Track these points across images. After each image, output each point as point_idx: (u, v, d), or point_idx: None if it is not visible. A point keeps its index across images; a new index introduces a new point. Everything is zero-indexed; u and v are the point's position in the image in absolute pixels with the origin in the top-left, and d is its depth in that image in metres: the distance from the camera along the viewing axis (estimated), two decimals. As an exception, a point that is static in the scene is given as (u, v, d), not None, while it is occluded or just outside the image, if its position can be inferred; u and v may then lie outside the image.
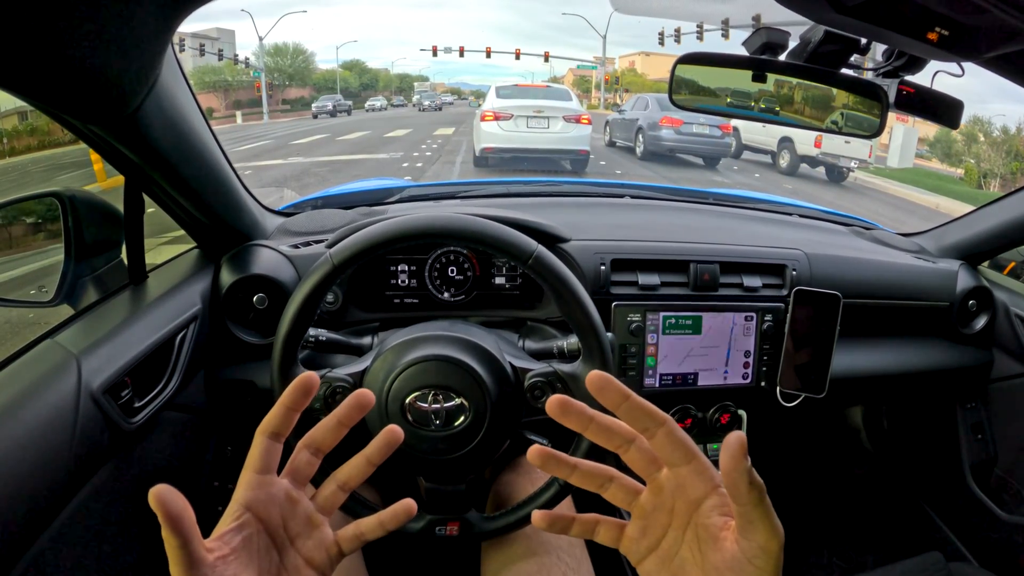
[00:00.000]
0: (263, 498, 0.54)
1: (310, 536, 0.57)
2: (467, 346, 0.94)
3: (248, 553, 0.52)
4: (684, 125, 12.15)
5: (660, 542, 0.54)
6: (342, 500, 0.60)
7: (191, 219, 1.15)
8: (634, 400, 0.50)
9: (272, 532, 0.55)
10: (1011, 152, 16.88)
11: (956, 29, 0.75)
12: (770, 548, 0.48)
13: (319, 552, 0.57)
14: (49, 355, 0.88)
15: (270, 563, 0.54)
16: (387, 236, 0.89)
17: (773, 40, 0.96)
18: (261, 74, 33.95)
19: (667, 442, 0.50)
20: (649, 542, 0.55)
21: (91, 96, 0.70)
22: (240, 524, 0.52)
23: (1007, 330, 1.57)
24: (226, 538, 0.51)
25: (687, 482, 0.51)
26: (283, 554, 0.55)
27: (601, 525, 0.57)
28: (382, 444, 0.60)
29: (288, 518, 0.56)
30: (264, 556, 0.54)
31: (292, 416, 0.55)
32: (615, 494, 0.55)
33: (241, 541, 0.52)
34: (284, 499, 0.56)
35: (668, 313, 1.28)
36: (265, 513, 0.54)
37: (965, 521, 1.72)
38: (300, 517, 0.57)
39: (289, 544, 0.56)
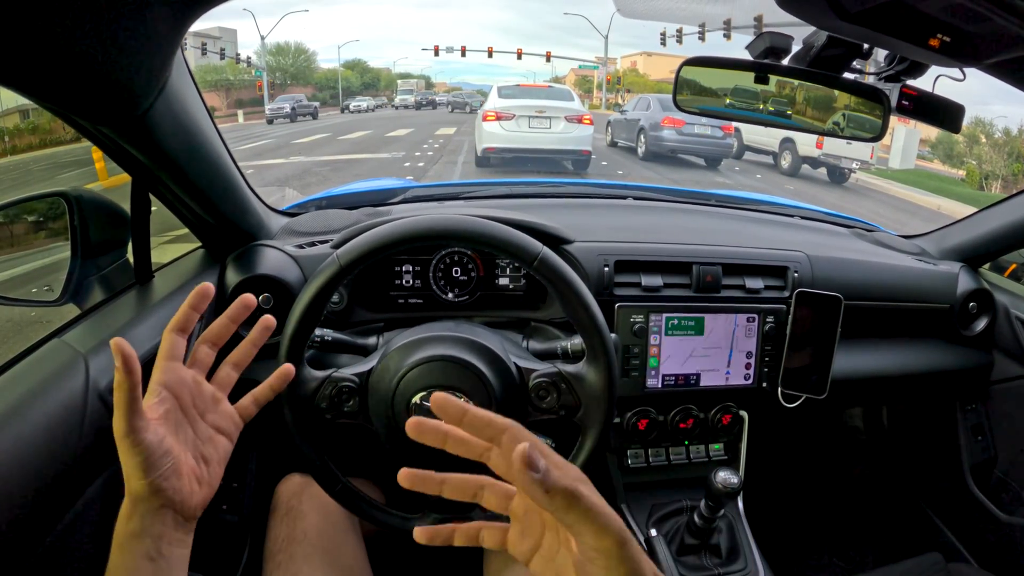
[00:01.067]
0: (174, 380, 0.68)
1: (215, 410, 0.73)
2: (472, 346, 0.94)
3: (169, 423, 0.66)
4: (686, 126, 12.13)
5: (540, 544, 0.56)
6: (235, 378, 0.77)
7: (197, 219, 1.15)
8: (471, 414, 0.52)
9: (184, 409, 0.69)
10: (1013, 154, 16.86)
11: (957, 36, 0.76)
12: (604, 547, 0.48)
13: (224, 421, 0.73)
14: (57, 354, 0.89)
15: (186, 435, 0.68)
16: (394, 237, 0.90)
17: (776, 44, 0.97)
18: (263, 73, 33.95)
19: (510, 448, 0.50)
20: (530, 543, 0.56)
21: (102, 98, 0.71)
22: (161, 399, 0.66)
23: (1007, 332, 1.58)
24: (152, 407, 0.65)
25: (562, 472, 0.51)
26: (195, 427, 0.70)
27: (485, 531, 0.59)
28: (261, 328, 0.77)
29: (195, 397, 0.71)
30: (181, 430, 0.68)
31: (192, 315, 0.70)
32: (490, 500, 0.58)
33: (163, 412, 0.65)
34: (191, 382, 0.70)
35: (671, 314, 1.29)
36: (177, 391, 0.68)
37: (965, 522, 1.72)
38: (205, 396, 0.72)
39: (199, 418, 0.71)
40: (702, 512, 1.21)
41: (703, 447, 1.44)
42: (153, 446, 0.61)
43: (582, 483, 0.50)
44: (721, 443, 1.45)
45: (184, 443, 0.67)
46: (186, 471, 0.65)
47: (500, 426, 0.52)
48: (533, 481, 0.46)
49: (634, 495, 1.38)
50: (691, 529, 1.26)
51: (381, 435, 0.95)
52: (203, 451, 0.69)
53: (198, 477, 0.67)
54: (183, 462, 0.65)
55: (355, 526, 1.14)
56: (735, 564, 1.26)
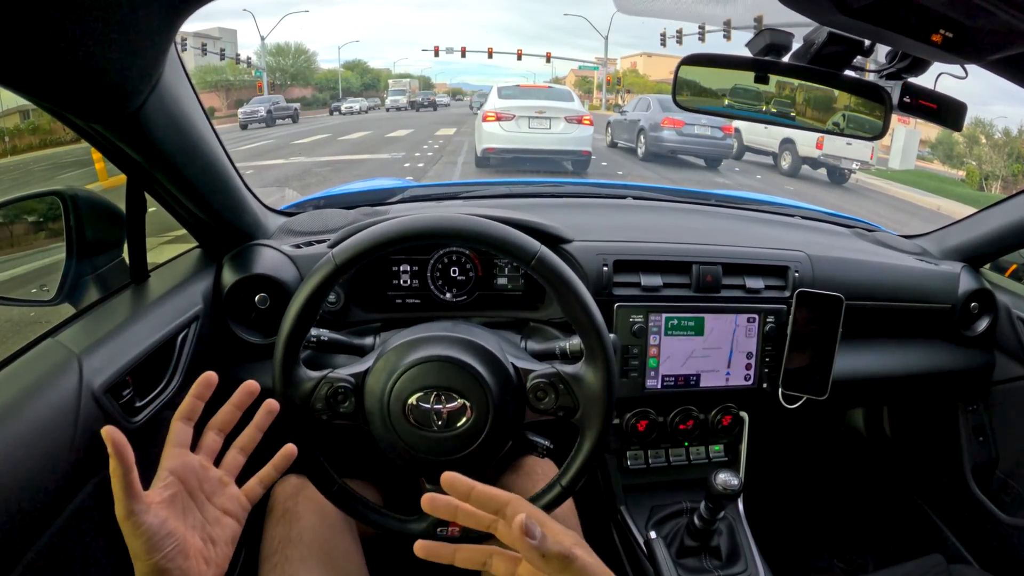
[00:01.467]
0: (181, 466, 0.72)
1: (222, 493, 0.76)
2: (469, 347, 0.93)
3: (175, 506, 0.69)
4: (686, 126, 12.13)
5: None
6: (242, 462, 0.80)
7: (193, 218, 1.15)
8: (477, 491, 0.61)
9: (191, 492, 0.72)
10: (1013, 154, 16.87)
11: (960, 31, 0.75)
12: None
13: (231, 503, 0.76)
14: (50, 354, 0.88)
15: (194, 518, 0.71)
16: (390, 236, 0.89)
17: (777, 41, 0.96)
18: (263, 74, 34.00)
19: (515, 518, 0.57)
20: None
21: (94, 95, 0.70)
22: (166, 484, 0.70)
23: (1009, 332, 1.57)
24: (157, 491, 0.68)
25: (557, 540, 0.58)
26: (203, 510, 0.73)
27: (495, 557, 0.63)
28: (263, 414, 0.81)
29: (203, 481, 0.74)
30: (189, 513, 0.71)
31: (198, 404, 0.76)
32: (499, 567, 0.63)
33: (169, 496, 0.69)
34: (198, 467, 0.75)
35: (670, 314, 1.28)
36: (184, 476, 0.72)
37: (966, 523, 1.72)
38: (212, 480, 0.76)
39: (207, 501, 0.74)
40: (702, 514, 1.21)
41: (703, 448, 1.43)
42: (154, 528, 0.64)
43: (578, 546, 0.59)
44: (721, 444, 1.44)
45: (191, 525, 0.70)
46: (193, 552, 0.68)
47: (503, 500, 0.60)
48: (531, 547, 0.54)
49: (633, 497, 1.38)
50: (691, 531, 1.25)
51: (377, 436, 0.94)
52: (211, 532, 0.72)
53: (205, 558, 0.70)
54: (190, 543, 0.68)
55: (352, 528, 1.13)
56: (735, 566, 1.25)
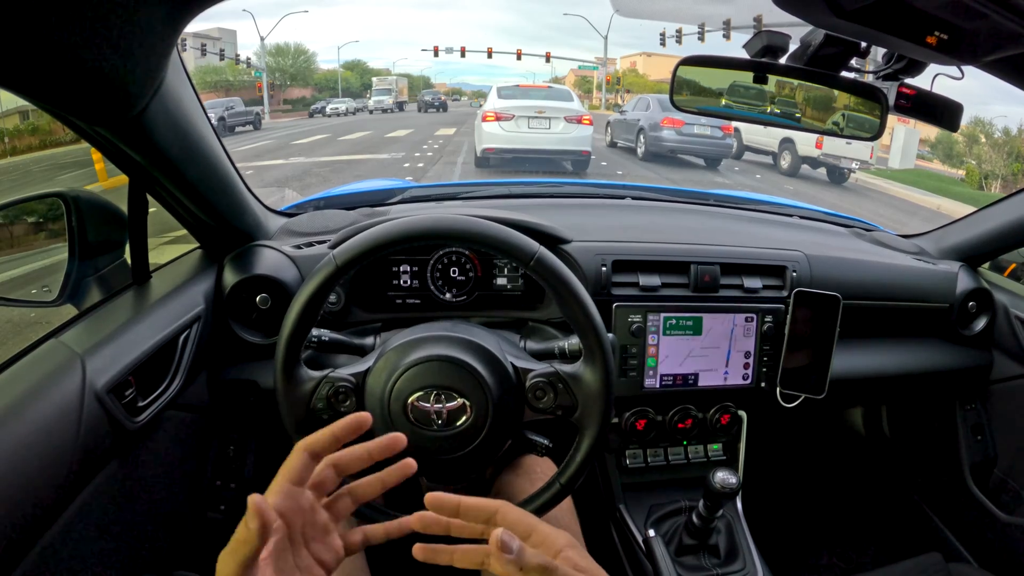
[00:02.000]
0: (293, 507, 0.62)
1: (322, 541, 0.65)
2: (469, 346, 0.94)
3: (276, 554, 0.59)
4: (685, 126, 12.12)
5: None
6: (351, 510, 0.69)
7: (195, 220, 1.16)
8: (464, 505, 0.61)
9: (291, 536, 0.62)
10: (1012, 153, 16.84)
11: (955, 33, 0.76)
12: None
13: (328, 554, 0.65)
14: (54, 354, 0.89)
15: (286, 563, 0.61)
16: (390, 237, 0.90)
17: (774, 43, 0.96)
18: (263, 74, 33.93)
19: (504, 524, 0.59)
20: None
21: (98, 98, 0.71)
22: (275, 528, 0.59)
23: (1007, 331, 1.58)
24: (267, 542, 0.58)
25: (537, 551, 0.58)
26: (297, 555, 0.62)
27: (492, 557, 0.60)
28: (397, 473, 0.69)
29: (307, 525, 0.64)
30: (283, 556, 0.61)
31: (336, 444, 0.64)
32: (495, 567, 0.59)
33: (275, 543, 0.59)
34: (307, 509, 0.64)
35: (669, 314, 1.29)
36: (291, 519, 0.62)
37: (964, 522, 1.72)
38: (317, 525, 0.65)
39: (303, 545, 0.63)
40: (700, 512, 1.21)
41: (702, 447, 1.44)
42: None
43: (570, 547, 0.60)
44: (720, 443, 1.45)
45: (280, 573, 0.60)
46: None
47: (491, 509, 0.60)
48: (508, 562, 0.54)
49: (632, 495, 1.38)
50: (689, 529, 1.26)
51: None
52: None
53: None
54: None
55: (352, 526, 1.14)
56: (734, 564, 1.26)
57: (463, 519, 0.61)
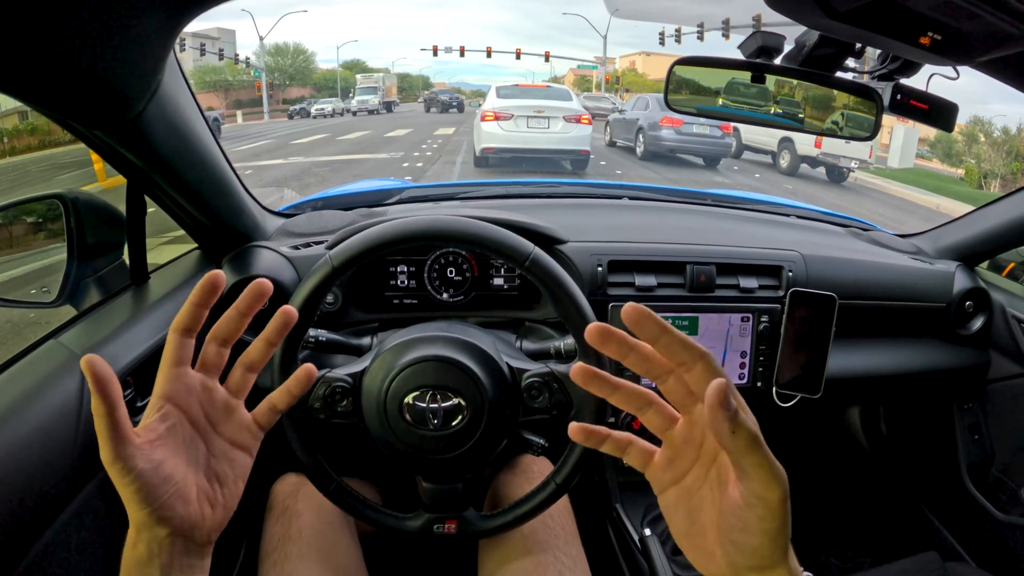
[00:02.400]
0: (181, 389, 0.58)
1: (230, 420, 0.62)
2: (464, 347, 0.95)
3: (174, 441, 0.56)
4: (684, 125, 12.12)
5: (684, 476, 0.55)
6: (251, 381, 0.64)
7: (193, 221, 1.16)
8: (672, 333, 0.49)
9: (194, 421, 0.59)
10: (1011, 152, 16.85)
11: (948, 34, 0.76)
12: (768, 498, 0.49)
13: (241, 433, 0.62)
14: (52, 355, 0.89)
15: (197, 452, 0.59)
16: (386, 238, 0.90)
17: (768, 44, 0.97)
18: (262, 74, 33.97)
19: (704, 377, 0.49)
20: (674, 474, 0.55)
21: (95, 102, 0.71)
22: (163, 414, 0.56)
23: (1004, 331, 1.58)
24: (151, 426, 0.55)
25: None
26: (208, 441, 0.60)
27: (632, 446, 0.56)
28: (278, 323, 0.63)
29: (206, 406, 0.60)
30: (191, 445, 0.58)
31: (200, 312, 0.59)
32: (652, 420, 0.55)
33: (166, 429, 0.56)
34: (200, 389, 0.60)
35: (665, 314, 1.29)
36: (184, 403, 0.58)
37: (962, 521, 1.72)
38: (218, 404, 0.61)
39: (212, 431, 0.60)
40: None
41: None
42: (147, 473, 0.53)
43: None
44: (717, 443, 1.45)
45: (194, 463, 0.58)
46: (195, 495, 0.57)
47: (697, 352, 0.50)
48: (724, 417, 0.46)
49: (629, 495, 1.39)
50: (686, 528, 1.26)
51: (374, 435, 0.95)
52: (217, 469, 0.60)
53: (211, 499, 0.59)
54: (191, 485, 0.57)
55: (350, 526, 1.14)
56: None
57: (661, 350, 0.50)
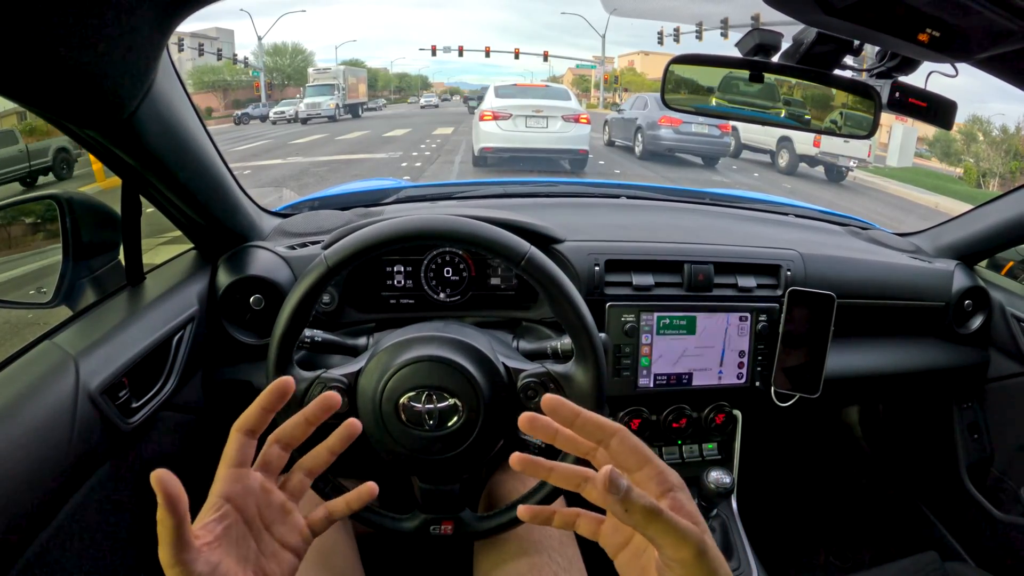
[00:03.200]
0: (240, 490, 0.59)
1: (284, 522, 0.63)
2: (460, 347, 0.94)
3: (229, 540, 0.57)
4: (683, 124, 12.13)
5: (631, 540, 0.59)
6: (308, 486, 0.67)
7: (188, 221, 1.15)
8: (584, 416, 0.56)
9: (248, 521, 0.60)
10: (1010, 151, 16.87)
11: (947, 30, 0.76)
12: (681, 557, 0.51)
13: (293, 535, 0.63)
14: (47, 356, 0.89)
15: (248, 549, 0.59)
16: (381, 238, 0.90)
17: (766, 41, 0.96)
18: (260, 74, 33.96)
19: (620, 450, 0.56)
20: (621, 538, 0.60)
21: (87, 102, 0.71)
22: (221, 514, 0.57)
23: (1003, 330, 1.58)
24: (209, 527, 0.56)
25: (642, 486, 0.55)
26: (259, 540, 0.61)
27: (581, 518, 0.61)
28: (343, 435, 0.66)
29: (263, 507, 0.61)
30: (243, 543, 0.58)
31: (267, 416, 0.61)
32: (590, 493, 0.58)
33: (223, 530, 0.56)
34: (259, 490, 0.61)
35: (662, 313, 1.28)
36: (242, 504, 0.59)
37: (961, 520, 1.72)
38: (274, 506, 0.62)
39: (264, 531, 0.61)
40: (695, 512, 1.21)
41: (696, 447, 1.43)
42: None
43: (679, 489, 0.55)
44: (714, 443, 1.44)
45: (244, 560, 0.58)
46: None
47: (610, 430, 0.56)
48: (615, 500, 0.50)
49: None
50: (685, 529, 1.25)
51: (370, 435, 0.95)
52: (265, 568, 0.60)
53: None
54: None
55: (347, 527, 1.14)
56: (729, 564, 1.25)
57: (578, 432, 0.57)
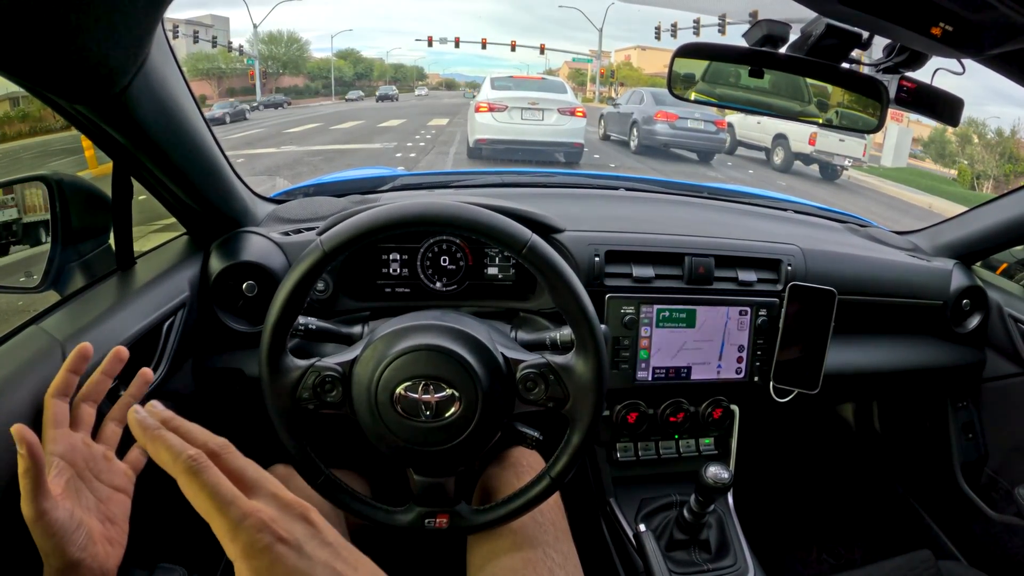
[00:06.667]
0: (66, 447, 0.69)
1: (108, 469, 0.73)
2: (459, 336, 0.92)
3: (71, 492, 0.66)
4: (679, 120, 12.13)
5: None
6: (119, 434, 0.77)
7: (180, 204, 1.13)
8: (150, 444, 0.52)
9: (79, 473, 0.69)
10: (1005, 154, 16.98)
11: (960, 25, 0.75)
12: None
13: (119, 478, 0.73)
14: (33, 341, 0.87)
15: (87, 499, 0.68)
16: (379, 223, 0.88)
17: (774, 32, 0.95)
18: (255, 62, 33.81)
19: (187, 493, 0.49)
20: None
21: (78, 75, 0.69)
22: (59, 470, 0.66)
23: (1000, 330, 1.57)
24: (55, 482, 0.65)
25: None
26: (93, 489, 0.70)
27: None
28: (139, 383, 0.79)
29: (87, 459, 0.71)
30: (82, 494, 0.68)
31: (73, 379, 0.72)
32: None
33: (65, 483, 0.66)
34: (81, 445, 0.71)
35: (662, 306, 1.28)
36: (71, 458, 0.68)
37: (955, 519, 1.72)
38: (96, 456, 0.72)
39: (94, 479, 0.71)
40: (692, 507, 1.20)
41: (693, 441, 1.43)
42: (65, 523, 0.62)
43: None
44: (711, 437, 1.44)
45: (87, 508, 0.67)
46: (97, 536, 0.66)
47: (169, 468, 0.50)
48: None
49: (623, 489, 1.37)
50: (680, 524, 1.25)
51: (365, 426, 0.93)
52: (106, 512, 0.70)
53: (108, 538, 0.68)
54: (93, 528, 0.66)
55: (340, 519, 1.13)
56: (725, 559, 1.25)
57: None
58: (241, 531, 0.46)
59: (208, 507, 0.47)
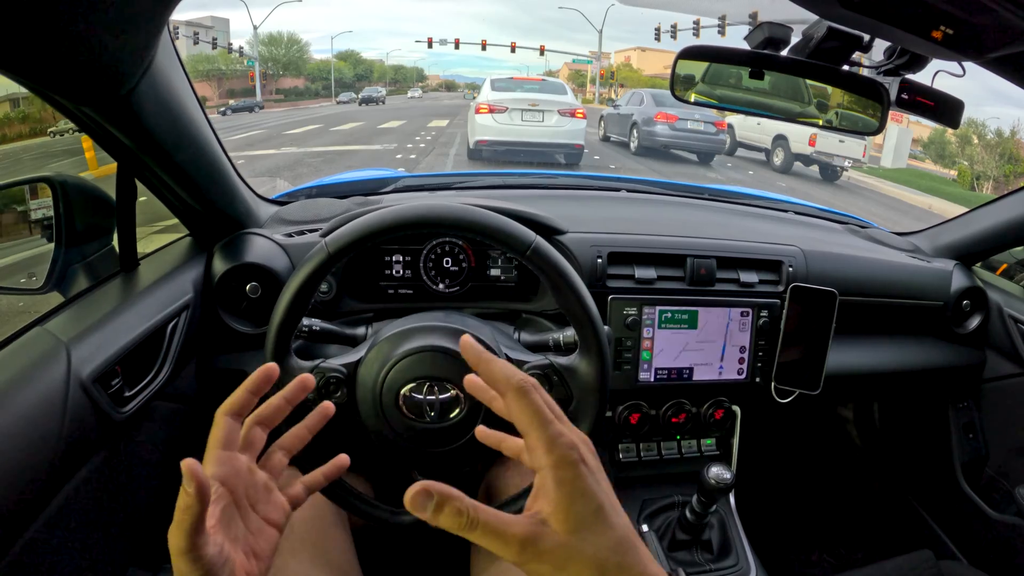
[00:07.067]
0: (230, 472, 0.62)
1: (267, 500, 0.66)
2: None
3: (225, 522, 0.60)
4: (679, 121, 12.14)
5: None
6: (285, 464, 0.70)
7: (184, 206, 1.14)
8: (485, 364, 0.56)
9: (237, 501, 0.62)
10: (1004, 155, 16.98)
11: (961, 28, 0.75)
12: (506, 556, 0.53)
13: (275, 512, 0.66)
14: (38, 343, 0.87)
15: (237, 529, 0.62)
16: (383, 225, 0.88)
17: (776, 35, 0.95)
18: (255, 63, 33.82)
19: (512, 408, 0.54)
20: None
21: (84, 76, 0.69)
22: (217, 496, 0.60)
23: (1000, 331, 1.58)
24: (211, 511, 0.58)
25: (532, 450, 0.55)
26: (246, 519, 0.63)
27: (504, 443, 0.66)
28: (319, 414, 0.72)
29: (248, 487, 0.64)
30: (233, 523, 0.61)
31: (252, 399, 0.65)
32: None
33: (220, 511, 0.59)
34: (245, 471, 0.64)
35: (664, 307, 1.28)
36: (232, 485, 0.62)
37: (955, 520, 1.73)
38: (258, 485, 0.66)
39: (250, 510, 0.64)
40: (694, 507, 1.21)
41: (695, 442, 1.43)
42: (214, 559, 0.56)
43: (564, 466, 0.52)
44: (713, 438, 1.44)
45: (235, 539, 0.61)
46: (239, 570, 0.60)
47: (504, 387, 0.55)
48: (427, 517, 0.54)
49: (625, 490, 1.38)
50: (683, 524, 1.25)
51: (369, 427, 0.93)
52: (253, 545, 0.63)
53: (249, 573, 0.61)
54: (237, 563, 0.59)
55: (343, 519, 1.13)
56: (726, 560, 1.26)
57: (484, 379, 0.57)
58: (556, 446, 0.52)
59: (531, 421, 0.53)
